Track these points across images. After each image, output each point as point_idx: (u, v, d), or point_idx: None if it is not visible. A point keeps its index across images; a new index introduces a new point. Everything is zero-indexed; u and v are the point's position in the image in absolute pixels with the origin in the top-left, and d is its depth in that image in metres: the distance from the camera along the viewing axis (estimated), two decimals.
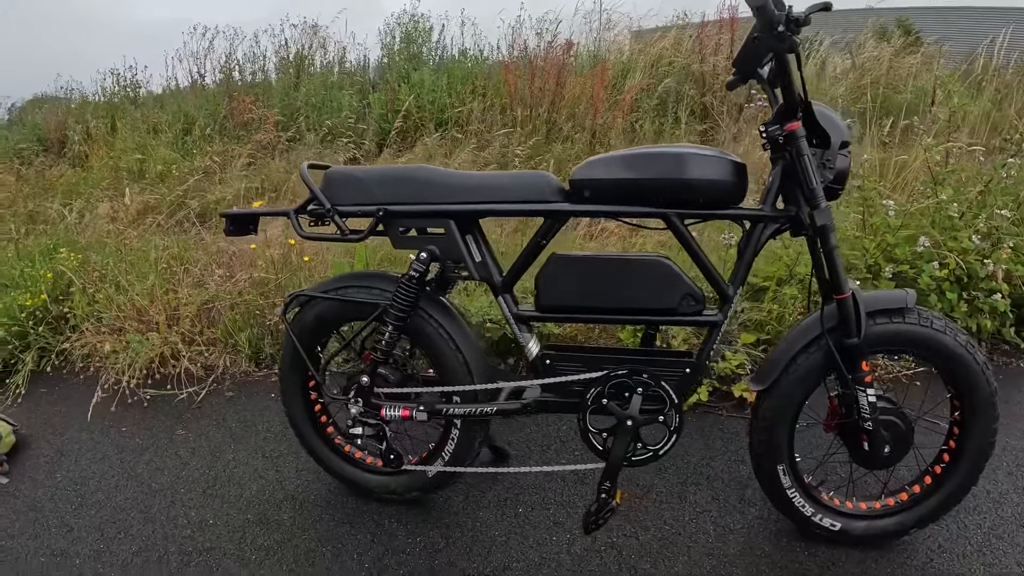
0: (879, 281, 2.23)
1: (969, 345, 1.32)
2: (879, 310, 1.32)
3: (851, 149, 1.32)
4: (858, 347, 1.29)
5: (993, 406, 1.34)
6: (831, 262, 1.28)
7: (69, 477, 2.04)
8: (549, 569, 1.43)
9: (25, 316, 2.85)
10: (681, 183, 1.29)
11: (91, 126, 6.64)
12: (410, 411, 1.49)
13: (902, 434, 1.37)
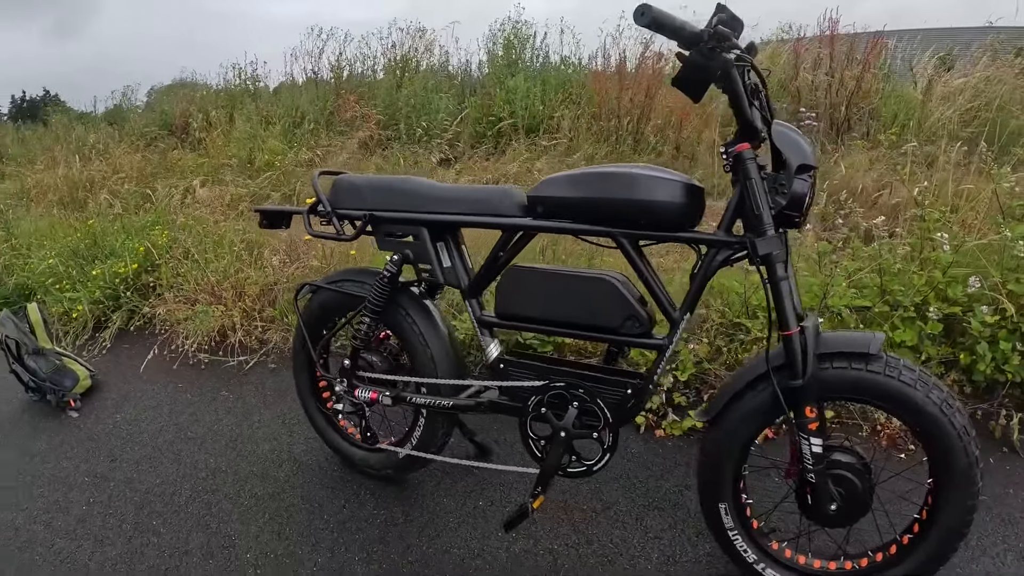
0: (926, 323, 2.17)
1: (945, 404, 1.21)
2: (837, 352, 1.26)
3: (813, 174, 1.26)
4: (802, 390, 1.24)
5: (971, 480, 1.23)
6: (776, 295, 1.25)
7: (124, 418, 2.53)
8: (483, 561, 1.60)
9: (119, 282, 3.50)
10: (629, 204, 1.34)
11: (211, 115, 7.62)
12: (378, 395, 1.74)
13: (857, 493, 1.30)
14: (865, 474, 1.31)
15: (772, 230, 1.22)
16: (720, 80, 1.20)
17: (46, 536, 1.86)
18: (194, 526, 1.83)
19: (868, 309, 2.27)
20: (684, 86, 1.22)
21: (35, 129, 9.03)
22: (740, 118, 1.24)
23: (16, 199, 5.90)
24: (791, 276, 1.29)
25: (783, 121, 1.30)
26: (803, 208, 1.24)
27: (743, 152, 1.23)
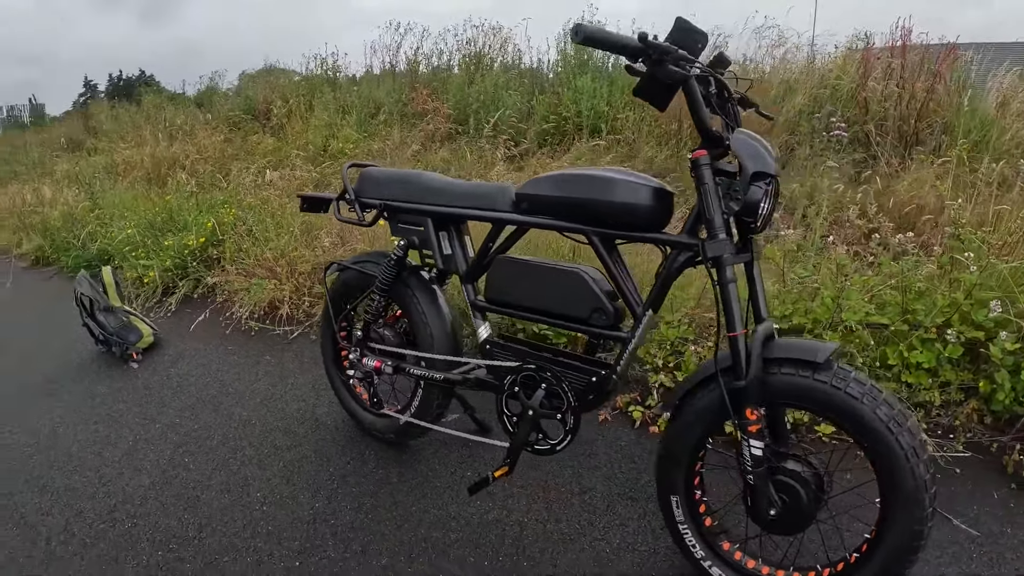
0: (945, 346, 2.16)
1: (893, 422, 1.20)
2: (786, 359, 1.28)
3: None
4: (744, 392, 1.28)
5: (917, 503, 1.20)
6: (724, 296, 1.29)
7: (177, 372, 2.91)
8: (457, 523, 1.76)
9: (187, 253, 3.94)
10: (601, 204, 1.46)
11: (292, 102, 8.17)
12: (381, 364, 1.96)
13: (799, 502, 1.30)
14: (812, 485, 1.31)
15: (723, 234, 1.29)
16: (675, 90, 1.29)
17: (94, 463, 2.22)
18: (218, 466, 2.13)
19: (884, 327, 2.29)
20: (644, 96, 1.33)
21: (128, 108, 9.97)
22: (697, 126, 1.32)
23: (104, 173, 6.59)
24: (758, 279, 1.37)
25: (748, 131, 1.35)
26: (758, 214, 1.29)
27: (699, 158, 1.31)
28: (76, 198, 5.42)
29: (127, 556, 1.74)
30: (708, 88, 1.34)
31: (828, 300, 2.30)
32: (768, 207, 1.29)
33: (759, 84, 5.24)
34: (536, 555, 1.61)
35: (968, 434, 2.06)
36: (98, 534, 1.84)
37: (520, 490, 1.87)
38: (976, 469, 1.90)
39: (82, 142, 9.23)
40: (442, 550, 1.65)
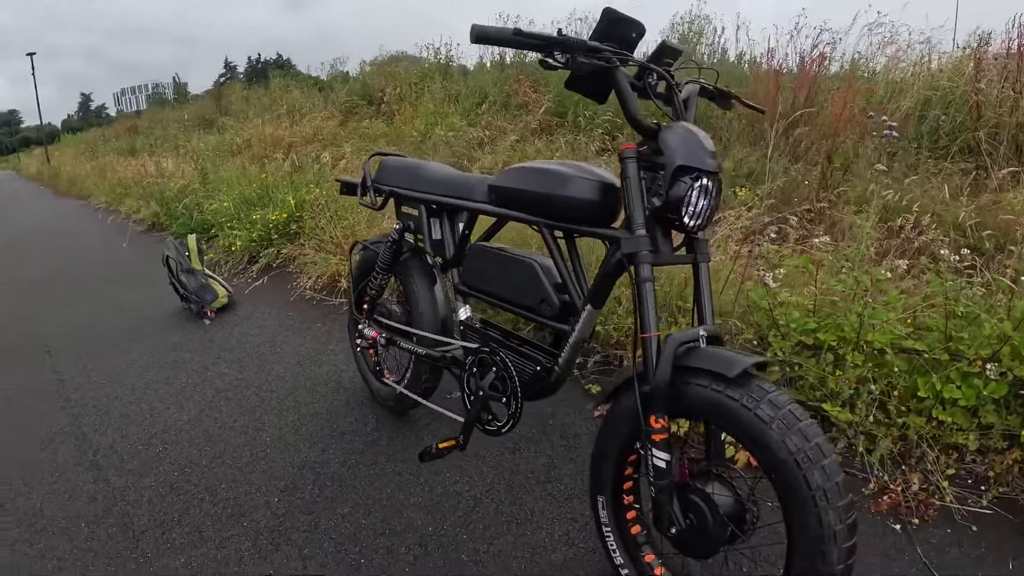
0: (986, 383, 2.01)
1: (803, 456, 1.08)
2: (700, 369, 1.20)
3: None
4: (649, 398, 1.23)
5: (821, 555, 1.08)
6: (639, 295, 1.26)
7: (239, 330, 3.36)
8: (420, 489, 1.92)
9: (272, 227, 4.44)
10: (552, 198, 1.50)
11: (401, 89, 8.73)
12: (378, 335, 2.20)
13: (704, 523, 1.22)
14: (725, 511, 1.21)
15: (642, 230, 1.27)
16: (613, 81, 1.30)
17: (149, 398, 2.68)
18: (244, 411, 2.50)
19: (919, 353, 2.16)
20: (577, 89, 1.41)
21: (257, 90, 11.14)
22: (626, 118, 1.31)
23: (223, 151, 7.47)
24: (705, 282, 1.34)
25: (687, 124, 1.33)
26: (682, 210, 1.24)
27: (624, 151, 1.31)
28: (192, 172, 6.23)
29: (150, 472, 2.13)
30: (647, 79, 1.37)
31: (853, 318, 2.22)
32: (701, 205, 1.26)
33: (869, 83, 4.96)
34: (478, 531, 1.76)
35: (1002, 488, 1.83)
36: (134, 454, 2.25)
37: (490, 469, 2.02)
38: (999, 530, 1.69)
39: (213, 121, 10.45)
40: (398, 510, 1.86)
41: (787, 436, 1.09)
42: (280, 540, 1.76)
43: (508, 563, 1.62)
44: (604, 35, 1.30)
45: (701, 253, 1.35)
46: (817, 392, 2.17)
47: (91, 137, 20.40)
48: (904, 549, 1.63)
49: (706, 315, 1.32)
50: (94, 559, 1.74)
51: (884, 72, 5.02)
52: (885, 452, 1.96)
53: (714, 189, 1.27)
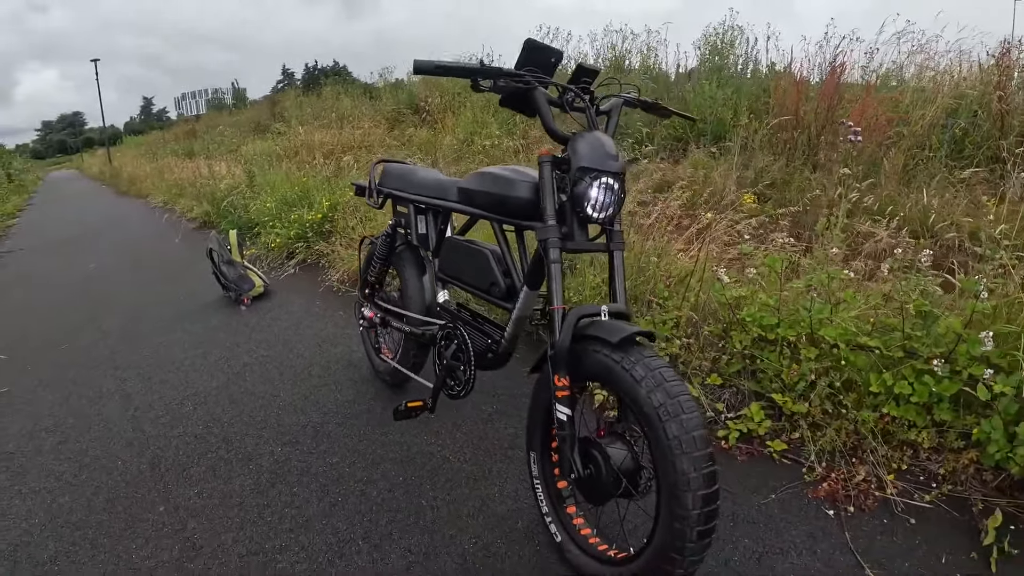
0: (938, 380, 2.05)
1: (664, 409, 1.27)
2: (594, 336, 1.42)
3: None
4: (553, 359, 1.46)
5: (678, 500, 1.25)
6: (549, 274, 1.51)
7: (271, 316, 3.82)
8: (398, 448, 2.23)
9: (308, 225, 4.91)
10: (493, 196, 1.80)
11: (445, 99, 9.20)
12: (374, 315, 2.56)
13: (599, 474, 1.42)
14: (617, 466, 1.41)
15: (552, 220, 1.52)
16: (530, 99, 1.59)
17: (187, 369, 3.13)
18: (264, 381, 2.91)
19: (872, 350, 2.32)
20: (509, 106, 1.70)
21: (310, 97, 11.87)
22: (544, 128, 1.58)
23: (272, 155, 8.09)
24: (618, 268, 1.58)
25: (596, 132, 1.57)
26: (584, 204, 1.49)
27: (541, 157, 1.55)
28: (241, 175, 6.84)
29: (179, 425, 2.56)
30: (564, 96, 1.65)
31: (804, 313, 2.39)
32: (602, 200, 1.50)
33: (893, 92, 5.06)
34: (440, 483, 2.07)
35: (953, 486, 1.91)
36: (168, 411, 2.69)
37: (462, 435, 2.34)
38: (939, 526, 1.78)
39: (267, 126, 11.21)
40: (377, 463, 2.20)
41: (653, 392, 1.29)
42: (276, 480, 2.13)
43: (459, 509, 1.93)
44: (526, 61, 1.61)
45: (615, 243, 1.59)
46: (774, 384, 2.36)
47: (151, 140, 21.92)
48: (832, 533, 1.77)
49: (618, 295, 1.56)
50: (125, 487, 2.16)
51: (911, 81, 5.11)
52: (828, 443, 2.11)
53: (617, 187, 1.51)
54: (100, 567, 1.79)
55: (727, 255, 3.21)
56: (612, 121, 1.70)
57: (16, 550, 1.89)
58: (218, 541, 1.85)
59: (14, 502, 2.13)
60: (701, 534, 1.27)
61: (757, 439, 2.21)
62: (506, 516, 1.89)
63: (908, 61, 5.52)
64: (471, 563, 1.70)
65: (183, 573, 1.74)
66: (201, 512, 1.99)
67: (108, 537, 1.91)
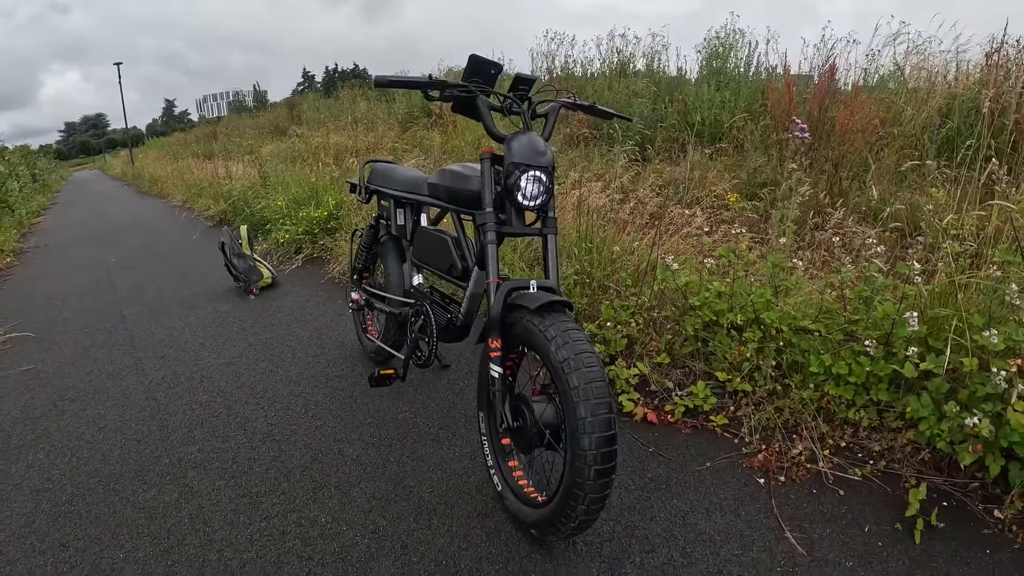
0: (872, 361, 2.22)
1: (567, 363, 1.47)
2: (519, 305, 1.66)
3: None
4: (487, 325, 1.71)
5: (577, 440, 1.45)
6: (483, 253, 1.79)
7: (277, 304, 4.15)
8: (377, 415, 2.50)
9: (315, 223, 5.24)
10: (448, 189, 2.12)
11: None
12: (360, 297, 2.85)
13: (524, 426, 1.65)
14: (541, 420, 1.62)
15: (489, 208, 1.79)
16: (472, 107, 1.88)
17: (197, 349, 3.46)
18: (266, 359, 3.22)
19: (810, 332, 2.50)
20: (460, 112, 1.96)
21: (328, 100, 12.27)
22: (486, 130, 1.84)
23: (287, 158, 8.47)
24: (551, 250, 1.83)
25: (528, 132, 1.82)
26: (515, 194, 1.74)
27: (482, 154, 1.81)
28: (256, 176, 7.22)
29: (188, 395, 2.88)
30: (504, 102, 1.92)
31: (745, 298, 2.59)
32: (532, 190, 1.75)
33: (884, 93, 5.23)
34: (408, 443, 2.35)
35: (887, 463, 2.06)
36: (180, 383, 3.02)
37: (432, 404, 2.62)
38: (867, 498, 1.92)
39: (286, 129, 11.63)
40: (355, 426, 2.49)
41: (560, 349, 1.50)
42: (267, 439, 2.43)
43: (421, 465, 2.21)
44: (471, 73, 1.89)
45: (549, 228, 1.85)
46: (723, 364, 2.58)
47: (173, 141, 22.56)
48: (759, 498, 1.94)
49: (549, 272, 1.82)
50: (136, 445, 2.48)
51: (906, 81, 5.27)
52: (765, 419, 2.32)
53: (545, 179, 1.76)
54: (110, 507, 2.09)
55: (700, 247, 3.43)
56: (549, 122, 1.96)
57: (38, 494, 2.19)
58: (212, 487, 2.15)
59: (39, 456, 2.45)
60: (599, 472, 1.45)
61: (702, 414, 2.43)
62: (461, 472, 2.16)
63: (904, 62, 5.70)
64: (426, 508, 1.98)
65: (180, 511, 2.03)
66: (200, 464, 2.29)
67: (119, 483, 2.22)
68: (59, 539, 1.94)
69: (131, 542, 1.90)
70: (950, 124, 4.49)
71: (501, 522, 1.89)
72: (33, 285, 5.66)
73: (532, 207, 1.80)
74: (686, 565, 1.69)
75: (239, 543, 1.86)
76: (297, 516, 1.97)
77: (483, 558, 1.76)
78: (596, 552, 1.75)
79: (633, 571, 1.68)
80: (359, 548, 1.81)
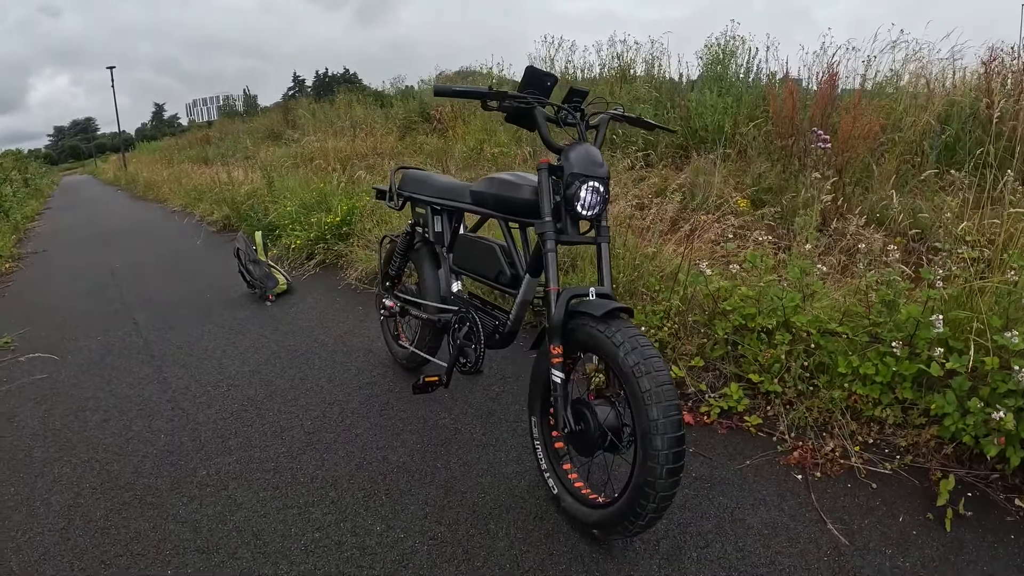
0: (894, 360, 2.34)
1: (638, 367, 1.51)
2: (583, 312, 1.68)
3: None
4: (548, 331, 1.73)
5: (650, 442, 1.48)
6: (545, 261, 1.78)
7: (294, 310, 4.12)
8: (416, 421, 2.50)
9: (327, 228, 5.21)
10: (499, 197, 2.09)
11: (456, 108, 9.47)
12: (394, 304, 2.84)
13: (587, 430, 1.67)
14: (604, 424, 1.66)
15: (548, 217, 1.80)
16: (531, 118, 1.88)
17: (219, 356, 3.42)
18: (292, 366, 3.20)
19: (838, 335, 2.55)
20: (514, 122, 1.97)
21: (323, 105, 12.22)
22: (543, 141, 1.84)
23: (287, 162, 8.42)
24: (605, 258, 1.84)
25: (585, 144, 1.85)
26: (575, 204, 1.75)
27: (540, 165, 1.83)
28: (260, 180, 7.17)
29: (216, 404, 2.85)
30: (559, 113, 1.94)
31: (776, 301, 2.63)
32: (590, 200, 1.77)
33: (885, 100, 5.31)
34: (453, 449, 2.35)
35: (913, 457, 2.13)
36: (204, 392, 2.98)
37: (472, 410, 2.62)
38: (898, 490, 2.00)
39: (281, 133, 11.56)
40: (397, 433, 2.48)
41: (629, 354, 1.54)
42: (307, 448, 2.41)
43: (469, 471, 2.21)
44: (527, 84, 1.89)
45: (603, 236, 1.87)
46: (753, 366, 2.62)
47: (165, 145, 22.40)
48: (799, 493, 2.00)
49: (604, 279, 1.83)
50: (169, 456, 2.44)
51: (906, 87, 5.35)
52: (799, 418, 2.37)
53: (602, 189, 1.79)
54: (150, 521, 2.05)
55: (717, 253, 3.48)
56: (600, 133, 1.97)
57: (70, 510, 2.12)
58: (257, 498, 2.12)
59: (64, 470, 2.39)
60: (670, 471, 1.50)
61: (736, 415, 2.47)
62: (511, 476, 2.16)
63: (903, 69, 5.78)
64: (480, 512, 1.98)
65: (226, 524, 2.00)
66: (240, 475, 2.26)
67: (156, 496, 2.18)
68: (99, 557, 1.89)
69: (178, 558, 1.86)
70: (949, 131, 4.56)
71: (558, 523, 1.91)
72: (36, 292, 5.58)
73: (590, 217, 1.82)
74: (740, 558, 1.74)
75: (294, 554, 1.84)
76: (351, 525, 1.95)
77: (545, 559, 1.77)
78: (654, 549, 1.79)
79: (691, 566, 1.72)
80: (420, 555, 1.81)
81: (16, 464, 2.47)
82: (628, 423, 1.67)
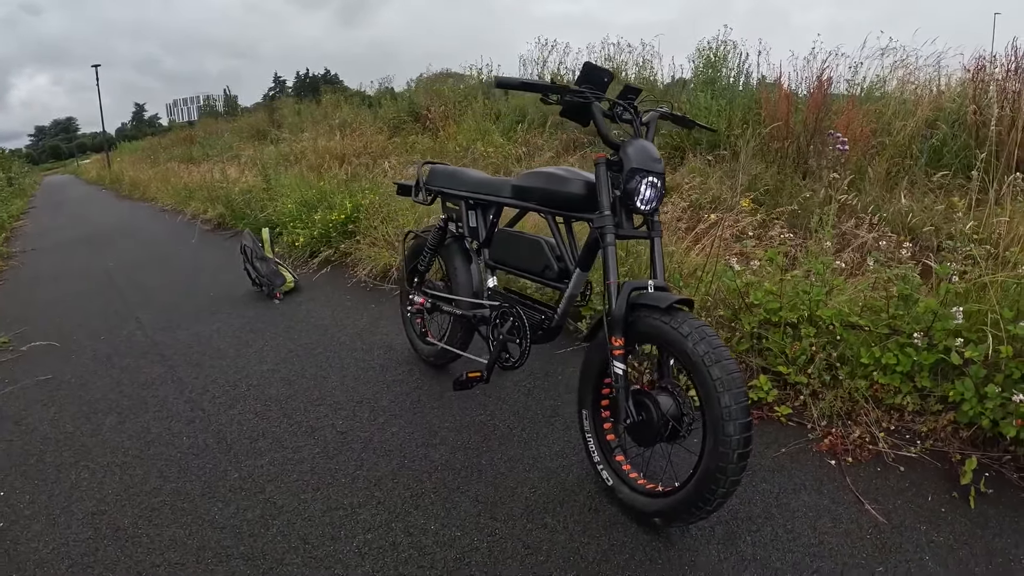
0: (918, 351, 2.35)
1: (708, 356, 1.52)
2: (644, 304, 1.69)
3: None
4: (610, 323, 1.72)
5: (721, 429, 1.50)
6: (605, 255, 1.77)
7: (303, 308, 4.03)
8: (452, 419, 2.44)
9: (331, 226, 5.11)
10: (547, 192, 2.06)
11: (446, 108, 9.41)
12: (425, 300, 2.78)
13: (650, 420, 1.68)
14: (665, 413, 1.67)
15: (607, 211, 1.79)
16: (589, 112, 1.85)
17: (234, 356, 3.32)
18: (312, 365, 3.12)
19: (861, 328, 2.59)
20: (568, 117, 1.94)
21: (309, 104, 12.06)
22: (600, 136, 1.85)
23: (280, 161, 8.27)
24: (658, 251, 1.84)
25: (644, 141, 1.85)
26: (634, 198, 1.76)
27: (597, 160, 1.83)
28: (254, 178, 7.02)
29: (238, 404, 2.76)
30: (615, 109, 1.91)
31: (803, 296, 2.65)
32: (648, 195, 1.78)
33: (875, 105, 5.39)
34: (494, 445, 2.30)
35: (933, 442, 2.21)
36: (224, 392, 2.88)
37: (508, 407, 2.57)
38: (923, 472, 2.06)
39: (266, 132, 11.36)
40: (434, 431, 2.42)
41: (698, 344, 1.55)
42: (342, 448, 2.34)
43: (515, 466, 2.16)
44: (584, 80, 1.87)
45: (655, 231, 1.86)
46: (779, 359, 2.63)
47: (148, 145, 21.95)
48: (835, 478, 2.05)
49: (657, 272, 1.82)
50: (195, 459, 2.34)
51: (894, 93, 5.43)
52: (827, 407, 2.40)
53: (659, 184, 1.80)
54: (185, 528, 1.94)
55: (731, 251, 3.47)
56: (651, 130, 1.95)
57: (94, 518, 2.01)
58: (297, 500, 2.04)
59: (82, 476, 2.27)
60: (741, 456, 1.52)
61: (766, 406, 2.49)
62: (557, 470, 2.13)
63: (891, 75, 5.88)
64: (534, 507, 1.93)
65: (269, 529, 1.91)
66: (276, 477, 2.18)
67: (187, 501, 2.07)
68: (132, 567, 1.78)
69: (221, 565, 1.77)
70: (937, 135, 4.64)
71: (614, 514, 1.89)
72: (30, 290, 5.39)
73: (647, 211, 1.82)
74: (791, 539, 1.78)
75: (347, 558, 1.77)
76: (403, 525, 1.89)
77: (607, 550, 1.74)
78: (710, 535, 1.79)
79: (747, 548, 1.74)
80: (481, 552, 1.76)
81: (28, 470, 2.34)
82: (687, 412, 1.69)
